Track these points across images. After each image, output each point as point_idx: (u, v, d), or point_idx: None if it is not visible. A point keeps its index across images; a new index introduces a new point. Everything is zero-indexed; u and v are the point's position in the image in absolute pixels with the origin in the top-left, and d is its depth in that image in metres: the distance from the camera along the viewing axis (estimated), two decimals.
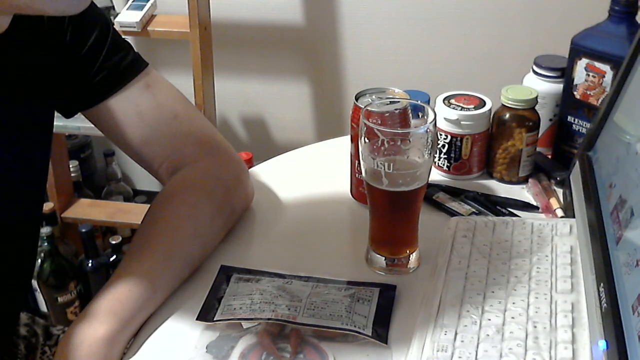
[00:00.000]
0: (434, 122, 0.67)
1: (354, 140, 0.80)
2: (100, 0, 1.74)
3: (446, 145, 0.89)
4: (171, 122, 0.78)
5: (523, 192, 0.88)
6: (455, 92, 0.90)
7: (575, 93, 0.86)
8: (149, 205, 0.76)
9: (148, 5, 1.56)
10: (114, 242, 1.58)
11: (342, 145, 0.90)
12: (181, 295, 0.71)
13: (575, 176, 0.78)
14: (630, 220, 0.61)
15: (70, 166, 1.80)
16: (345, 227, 0.85)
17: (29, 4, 0.56)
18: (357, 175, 0.83)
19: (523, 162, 0.88)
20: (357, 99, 0.78)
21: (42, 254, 1.52)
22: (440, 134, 0.88)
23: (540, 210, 0.84)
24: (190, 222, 0.73)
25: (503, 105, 0.86)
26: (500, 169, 0.89)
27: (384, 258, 0.73)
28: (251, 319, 0.65)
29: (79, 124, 1.51)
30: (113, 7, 1.78)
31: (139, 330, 0.66)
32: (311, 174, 0.95)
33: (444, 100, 0.88)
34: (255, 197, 0.85)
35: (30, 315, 0.91)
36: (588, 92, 0.85)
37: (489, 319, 0.63)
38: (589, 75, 0.84)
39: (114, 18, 1.53)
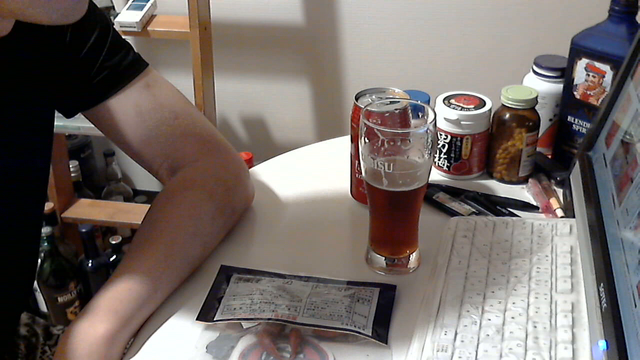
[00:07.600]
0: (434, 122, 0.67)
1: (354, 140, 0.80)
2: (100, 0, 1.74)
3: (446, 145, 0.89)
4: (171, 122, 0.78)
5: (523, 192, 0.88)
6: (455, 92, 0.90)
7: (575, 93, 0.86)
8: (149, 205, 0.76)
9: (148, 5, 1.56)
10: (114, 242, 1.58)
11: (342, 145, 0.90)
12: (181, 295, 0.71)
13: (575, 176, 0.78)
14: (630, 220, 0.61)
15: (70, 166, 1.80)
16: (345, 227, 0.85)
17: (23, 12, 0.55)
18: (357, 175, 0.83)
19: (523, 162, 0.88)
20: (357, 99, 0.78)
21: (42, 254, 1.52)
22: (440, 134, 0.88)
23: (540, 210, 0.84)
24: (191, 221, 0.73)
25: (503, 105, 0.86)
26: (500, 169, 0.89)
27: (384, 258, 0.73)
28: (251, 319, 0.65)
29: (79, 124, 1.51)
30: (113, 7, 1.78)
31: (139, 330, 0.66)
32: (311, 174, 0.95)
33: (444, 100, 0.88)
34: (256, 197, 0.85)
35: (31, 315, 0.91)
36: (588, 92, 0.85)
37: (489, 319, 0.63)
38: (589, 75, 0.84)
39: (114, 18, 1.53)
